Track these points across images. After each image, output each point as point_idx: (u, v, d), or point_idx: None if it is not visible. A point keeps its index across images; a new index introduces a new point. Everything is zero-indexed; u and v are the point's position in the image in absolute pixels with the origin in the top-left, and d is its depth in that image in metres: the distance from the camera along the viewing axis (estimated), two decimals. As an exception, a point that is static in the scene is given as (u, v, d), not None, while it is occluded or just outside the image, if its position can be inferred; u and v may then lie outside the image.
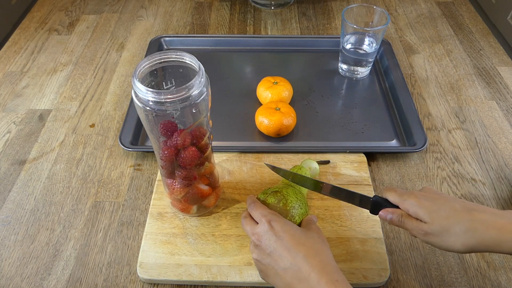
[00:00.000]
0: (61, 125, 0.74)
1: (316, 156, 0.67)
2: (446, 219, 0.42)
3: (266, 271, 0.45)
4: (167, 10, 1.04)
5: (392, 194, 0.47)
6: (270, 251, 0.44)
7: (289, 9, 1.04)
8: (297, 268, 0.41)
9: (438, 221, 0.43)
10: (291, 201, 0.51)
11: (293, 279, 0.42)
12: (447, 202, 0.44)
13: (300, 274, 0.41)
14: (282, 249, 0.43)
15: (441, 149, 0.71)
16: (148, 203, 0.62)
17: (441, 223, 0.42)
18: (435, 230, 0.43)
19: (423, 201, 0.44)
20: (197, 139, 0.49)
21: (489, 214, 0.42)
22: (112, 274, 0.55)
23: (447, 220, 0.42)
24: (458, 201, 0.44)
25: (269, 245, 0.44)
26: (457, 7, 1.04)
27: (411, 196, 0.45)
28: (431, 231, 0.43)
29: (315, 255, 0.42)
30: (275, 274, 0.44)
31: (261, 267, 0.46)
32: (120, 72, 0.85)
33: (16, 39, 0.94)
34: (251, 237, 0.47)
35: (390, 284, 0.54)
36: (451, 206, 0.43)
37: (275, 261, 0.43)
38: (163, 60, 0.46)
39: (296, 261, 0.42)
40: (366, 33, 0.78)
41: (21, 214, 0.61)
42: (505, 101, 0.79)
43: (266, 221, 0.45)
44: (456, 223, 0.42)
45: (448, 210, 0.43)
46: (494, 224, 0.41)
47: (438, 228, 0.42)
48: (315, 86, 0.81)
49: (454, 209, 0.43)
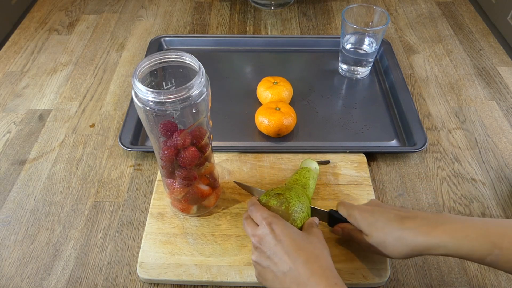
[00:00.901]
0: (61, 125, 0.74)
1: (316, 156, 0.67)
2: (381, 230, 0.46)
3: (264, 273, 0.45)
4: (167, 10, 1.04)
5: (341, 208, 0.51)
6: (270, 254, 0.44)
7: (289, 9, 1.04)
8: (296, 272, 0.42)
9: (375, 233, 0.46)
10: (293, 205, 0.50)
11: (292, 283, 0.42)
12: (384, 213, 0.47)
13: (299, 279, 0.41)
14: (282, 252, 0.43)
15: (441, 149, 0.71)
16: (148, 203, 0.62)
17: (378, 234, 0.46)
18: (374, 242, 0.46)
19: (363, 214, 0.48)
20: (197, 139, 0.49)
21: (419, 220, 0.44)
22: (112, 274, 0.55)
23: (382, 231, 0.46)
24: (394, 210, 0.47)
25: (269, 248, 0.44)
26: (457, 7, 1.04)
27: (355, 210, 0.49)
28: (372, 243, 0.46)
29: (315, 260, 0.43)
30: (274, 277, 0.44)
31: (259, 270, 0.46)
32: (120, 72, 0.85)
33: (16, 39, 0.94)
34: (252, 238, 0.47)
35: (390, 284, 0.54)
36: (386, 217, 0.46)
37: (275, 264, 0.43)
38: (163, 60, 0.46)
39: (295, 265, 0.42)
40: (366, 33, 0.78)
41: (21, 214, 0.61)
42: (505, 101, 0.79)
43: (266, 223, 0.45)
44: (389, 233, 0.45)
45: (383, 221, 0.46)
46: (420, 230, 0.43)
47: (376, 240, 0.46)
48: (315, 86, 0.81)
49: (388, 219, 0.46)
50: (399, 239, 0.44)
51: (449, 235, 0.42)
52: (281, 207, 0.50)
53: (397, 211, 0.47)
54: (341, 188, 0.63)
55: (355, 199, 0.61)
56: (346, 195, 0.62)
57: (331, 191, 0.62)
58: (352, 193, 0.62)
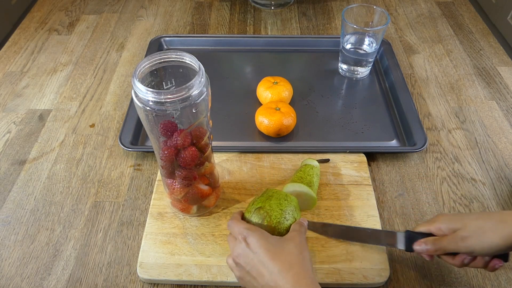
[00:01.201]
0: (61, 125, 0.74)
1: (316, 156, 0.67)
2: (477, 220, 0.45)
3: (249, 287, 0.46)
4: (167, 10, 1.04)
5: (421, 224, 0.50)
6: (249, 269, 0.44)
7: (289, 9, 1.04)
8: (273, 283, 0.42)
9: (470, 222, 0.45)
10: (275, 217, 0.49)
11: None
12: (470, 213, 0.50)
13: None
14: (259, 265, 0.43)
15: (441, 149, 0.71)
16: (148, 203, 0.62)
17: (474, 223, 0.45)
18: (471, 230, 0.45)
19: (449, 216, 0.48)
20: (197, 139, 0.49)
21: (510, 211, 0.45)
22: (112, 274, 0.55)
23: (477, 221, 0.45)
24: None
25: (247, 262, 0.44)
26: (457, 7, 1.04)
27: (438, 216, 0.49)
28: (467, 233, 0.45)
29: (290, 268, 0.43)
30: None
31: (244, 284, 0.46)
32: (120, 72, 0.85)
33: (16, 39, 0.94)
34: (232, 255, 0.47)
35: (390, 284, 0.54)
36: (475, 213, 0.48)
37: (255, 278, 0.44)
38: (163, 60, 0.46)
39: (272, 276, 0.42)
40: (366, 33, 0.78)
41: (21, 214, 0.61)
42: (505, 101, 0.79)
43: (242, 239, 0.46)
44: (487, 219, 0.45)
45: (474, 215, 0.47)
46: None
47: (473, 228, 0.45)
48: (315, 86, 0.81)
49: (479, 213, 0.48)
50: (501, 222, 0.44)
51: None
52: (263, 223, 0.48)
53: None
54: (341, 188, 0.63)
55: (355, 199, 0.61)
56: (346, 195, 0.62)
57: (331, 191, 0.62)
58: (352, 193, 0.62)
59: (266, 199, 0.51)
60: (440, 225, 0.47)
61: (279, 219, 0.49)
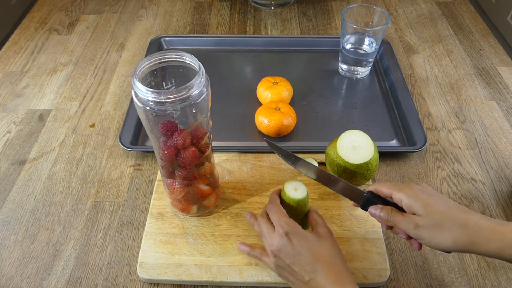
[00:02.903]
0: (61, 125, 0.74)
1: (316, 156, 0.66)
2: (440, 214, 0.43)
3: (286, 277, 0.48)
4: (167, 10, 1.04)
5: (387, 184, 0.47)
6: (290, 263, 0.46)
7: (289, 9, 1.04)
8: (315, 283, 0.44)
9: (432, 215, 0.43)
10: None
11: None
12: (443, 199, 0.44)
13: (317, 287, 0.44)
14: (301, 263, 0.45)
15: (441, 149, 0.71)
16: (148, 203, 0.62)
17: (435, 216, 0.43)
18: (428, 223, 0.43)
19: (419, 194, 0.44)
20: (197, 139, 0.49)
21: (481, 217, 0.43)
22: (112, 274, 0.55)
23: (441, 215, 0.43)
24: (453, 201, 0.45)
25: (288, 257, 0.46)
26: (457, 7, 1.04)
27: (407, 187, 0.45)
28: (423, 224, 0.43)
29: (332, 268, 0.45)
30: (295, 281, 0.46)
31: (280, 272, 0.48)
32: (120, 72, 0.85)
33: (16, 39, 0.94)
34: (267, 245, 0.48)
35: (390, 284, 0.54)
36: (446, 203, 0.44)
37: (295, 272, 0.46)
38: (163, 60, 0.46)
39: (314, 275, 0.44)
40: (366, 33, 0.78)
41: (21, 214, 0.61)
42: (505, 101, 0.79)
43: (284, 233, 0.47)
44: (450, 218, 0.42)
45: (443, 206, 0.43)
46: (487, 225, 0.42)
47: (431, 222, 0.43)
48: (315, 86, 0.81)
49: (449, 206, 0.43)
50: (461, 227, 0.41)
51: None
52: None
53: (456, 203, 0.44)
54: (341, 188, 0.63)
55: (355, 199, 0.61)
56: (346, 195, 0.62)
57: (331, 191, 0.62)
58: (352, 193, 0.62)
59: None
60: (402, 198, 0.45)
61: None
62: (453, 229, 0.42)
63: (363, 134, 0.59)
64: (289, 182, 0.53)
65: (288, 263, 0.46)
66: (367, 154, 0.57)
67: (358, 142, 0.58)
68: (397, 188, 0.46)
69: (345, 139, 0.59)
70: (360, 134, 0.59)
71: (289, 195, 0.51)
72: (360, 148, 0.58)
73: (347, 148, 0.58)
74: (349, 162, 0.57)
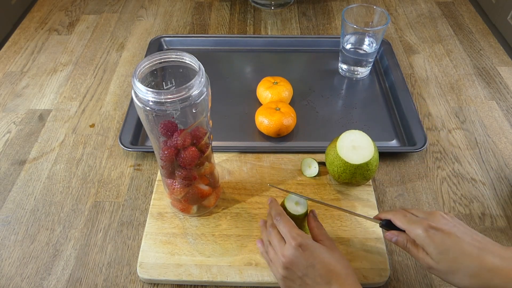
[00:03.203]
0: (61, 125, 0.74)
1: (316, 156, 0.66)
2: (453, 261, 0.42)
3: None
4: (167, 10, 1.04)
5: (400, 219, 0.47)
6: (302, 275, 0.46)
7: (289, 9, 1.04)
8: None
9: (445, 262, 0.43)
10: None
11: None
12: (457, 242, 0.43)
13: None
14: (315, 275, 0.45)
15: (441, 149, 0.71)
16: (148, 203, 0.62)
17: (448, 264, 0.42)
18: (441, 269, 0.43)
19: (432, 236, 0.44)
20: (197, 139, 0.49)
21: (497, 258, 0.41)
22: (112, 274, 0.55)
23: (454, 263, 0.42)
24: (468, 239, 0.43)
25: (301, 270, 0.46)
26: (457, 7, 1.04)
27: (420, 226, 0.45)
28: (436, 268, 0.43)
29: (345, 280, 0.45)
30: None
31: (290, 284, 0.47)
32: (120, 72, 0.85)
33: (16, 39, 0.94)
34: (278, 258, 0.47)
35: (390, 284, 0.54)
36: (460, 247, 0.43)
37: (307, 285, 0.45)
38: (163, 60, 0.46)
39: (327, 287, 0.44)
40: (366, 33, 0.78)
41: (21, 214, 0.61)
42: (505, 101, 0.79)
43: (296, 245, 0.46)
44: (463, 267, 0.42)
45: (457, 252, 0.42)
46: (501, 272, 0.41)
47: (444, 269, 0.43)
48: (315, 86, 0.81)
49: (463, 251, 0.42)
50: (474, 277, 0.41)
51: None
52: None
53: (472, 240, 0.43)
54: (341, 188, 0.63)
55: (355, 199, 0.61)
56: (346, 195, 0.62)
57: (331, 191, 0.62)
58: (352, 193, 0.62)
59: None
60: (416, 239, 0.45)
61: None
62: (466, 278, 0.42)
63: (363, 134, 0.59)
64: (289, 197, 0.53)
65: (300, 275, 0.45)
66: (367, 154, 0.57)
67: (358, 142, 0.58)
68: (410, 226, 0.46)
69: (345, 139, 0.59)
70: (360, 134, 0.59)
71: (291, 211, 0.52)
72: (360, 148, 0.58)
73: (347, 148, 0.58)
74: (349, 162, 0.57)
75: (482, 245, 0.43)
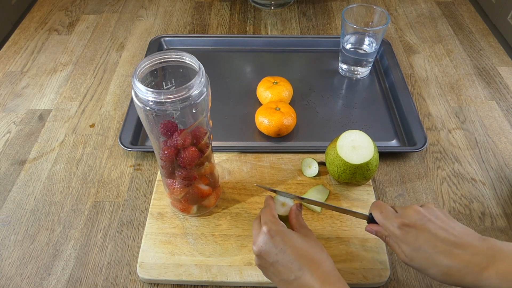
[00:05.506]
0: (61, 125, 0.74)
1: (316, 156, 0.66)
2: (425, 259, 0.42)
3: (270, 277, 0.46)
4: (167, 10, 1.04)
5: (376, 215, 0.47)
6: (273, 261, 0.44)
7: (289, 9, 1.04)
8: (301, 281, 0.42)
9: (417, 260, 0.43)
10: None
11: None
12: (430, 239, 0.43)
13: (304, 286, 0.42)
14: (285, 261, 0.43)
15: (441, 149, 0.71)
16: (148, 203, 0.62)
17: (420, 261, 0.43)
18: (414, 265, 0.44)
19: (405, 234, 0.44)
20: (197, 139, 0.49)
21: (469, 255, 0.41)
22: (112, 274, 0.55)
23: (426, 260, 0.42)
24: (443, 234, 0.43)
25: (271, 256, 0.44)
26: (457, 7, 1.04)
27: (394, 223, 0.45)
28: (410, 264, 0.44)
29: (318, 266, 0.43)
30: (280, 281, 0.44)
31: (264, 272, 0.46)
32: (120, 72, 0.85)
33: (16, 39, 0.94)
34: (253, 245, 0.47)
35: (390, 284, 0.54)
36: (432, 245, 0.42)
37: (279, 272, 0.44)
38: (163, 60, 0.46)
39: (300, 273, 0.42)
40: (366, 33, 0.78)
41: (21, 214, 0.61)
42: (505, 101, 0.79)
43: (266, 230, 0.45)
44: (433, 265, 0.42)
45: (429, 250, 0.42)
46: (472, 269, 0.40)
47: (417, 266, 0.43)
48: (315, 86, 0.81)
49: (435, 249, 0.42)
50: (446, 274, 0.41)
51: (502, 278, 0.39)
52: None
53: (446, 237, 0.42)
54: (341, 188, 0.63)
55: (355, 199, 0.61)
56: (346, 195, 0.62)
57: (331, 191, 0.62)
58: (352, 193, 0.62)
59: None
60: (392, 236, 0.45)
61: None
62: (438, 275, 0.42)
63: (363, 134, 0.59)
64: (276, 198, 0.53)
65: (271, 261, 0.44)
66: (367, 154, 0.57)
67: (358, 142, 0.58)
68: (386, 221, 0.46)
69: (345, 139, 0.59)
70: (360, 134, 0.59)
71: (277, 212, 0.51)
72: (360, 148, 0.58)
73: (347, 148, 0.58)
74: (349, 162, 0.57)
75: (458, 239, 0.42)
